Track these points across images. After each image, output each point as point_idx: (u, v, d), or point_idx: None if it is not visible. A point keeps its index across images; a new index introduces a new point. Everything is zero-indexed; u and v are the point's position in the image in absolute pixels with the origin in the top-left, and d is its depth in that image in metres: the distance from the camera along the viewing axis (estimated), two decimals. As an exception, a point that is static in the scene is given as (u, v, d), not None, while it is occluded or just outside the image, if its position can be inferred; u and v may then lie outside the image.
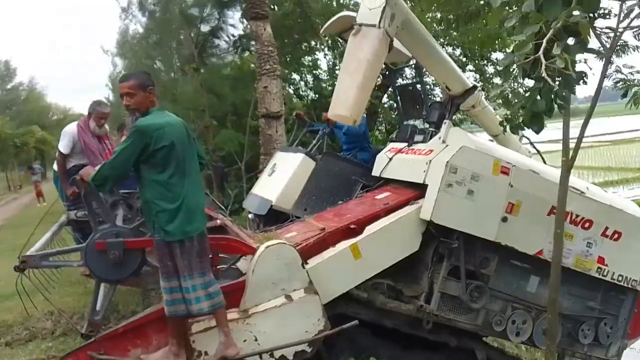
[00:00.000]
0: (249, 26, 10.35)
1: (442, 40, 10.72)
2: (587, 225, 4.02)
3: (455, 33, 10.36)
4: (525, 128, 3.27)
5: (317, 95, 12.55)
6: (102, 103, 4.94)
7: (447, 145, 3.79)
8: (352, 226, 3.65)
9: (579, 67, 2.87)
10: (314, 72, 12.93)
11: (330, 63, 12.86)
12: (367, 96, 3.18)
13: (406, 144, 4.29)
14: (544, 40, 2.61)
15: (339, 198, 4.40)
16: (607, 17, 2.98)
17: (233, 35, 12.67)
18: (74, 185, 4.09)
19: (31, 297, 4.74)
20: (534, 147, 5.34)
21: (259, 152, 8.24)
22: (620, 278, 4.22)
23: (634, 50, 3.39)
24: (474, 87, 4.21)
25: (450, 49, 11.53)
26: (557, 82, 2.74)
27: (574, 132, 3.39)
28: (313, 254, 3.52)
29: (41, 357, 4.25)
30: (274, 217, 4.47)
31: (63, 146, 4.96)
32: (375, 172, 4.47)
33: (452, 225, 3.60)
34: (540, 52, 2.62)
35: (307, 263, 3.36)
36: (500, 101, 3.16)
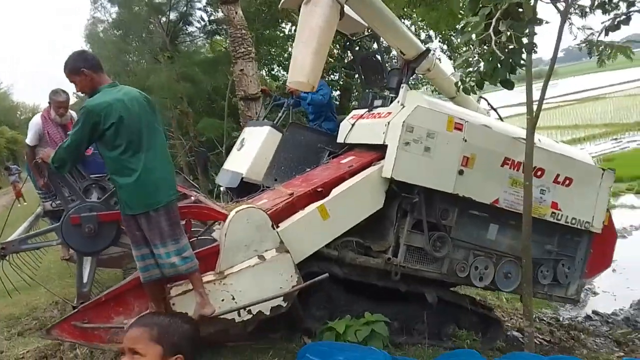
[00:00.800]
0: (219, 10, 10.32)
1: (407, 21, 10.91)
2: (539, 173, 4.28)
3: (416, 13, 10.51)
4: (476, 89, 3.59)
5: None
6: (58, 92, 4.96)
7: (403, 107, 3.98)
8: (319, 189, 3.83)
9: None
10: (286, 51, 12.94)
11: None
12: (322, 61, 3.34)
13: (367, 110, 4.45)
14: (493, 20, 2.95)
15: (306, 166, 4.57)
16: None
17: (202, 19, 12.71)
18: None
19: (35, 290, 4.86)
20: (491, 106, 5.59)
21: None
22: (573, 221, 4.51)
23: (590, 12, 3.66)
24: (427, 50, 4.40)
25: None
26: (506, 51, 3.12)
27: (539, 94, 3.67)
28: (283, 217, 3.71)
29: (54, 342, 4.34)
30: (246, 189, 4.63)
31: (30, 139, 5.02)
32: (340, 139, 4.64)
33: (412, 180, 3.81)
34: (490, 30, 2.98)
35: (278, 226, 3.56)
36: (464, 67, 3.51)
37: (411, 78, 5.02)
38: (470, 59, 3.69)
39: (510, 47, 3.26)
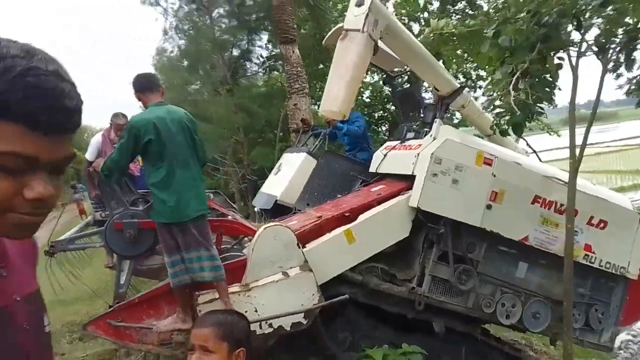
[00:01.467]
0: (278, 48, 10.98)
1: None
2: (572, 214, 4.24)
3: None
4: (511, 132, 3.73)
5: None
6: (118, 115, 5.45)
7: (434, 139, 4.10)
8: (346, 214, 3.98)
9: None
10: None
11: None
12: (354, 94, 3.53)
13: (399, 141, 4.60)
14: (514, 78, 3.13)
15: (338, 193, 4.73)
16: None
17: (262, 56, 13.59)
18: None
19: (93, 301, 5.23)
20: (530, 146, 5.60)
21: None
22: (607, 265, 4.41)
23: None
24: (462, 87, 4.52)
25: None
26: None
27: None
28: (311, 239, 3.86)
29: (112, 347, 4.62)
30: (279, 212, 4.83)
31: (89, 154, 5.50)
32: (372, 168, 4.80)
33: (438, 211, 3.89)
34: (510, 87, 3.16)
35: (304, 247, 3.72)
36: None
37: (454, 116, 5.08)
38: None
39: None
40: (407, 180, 4.18)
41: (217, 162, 11.58)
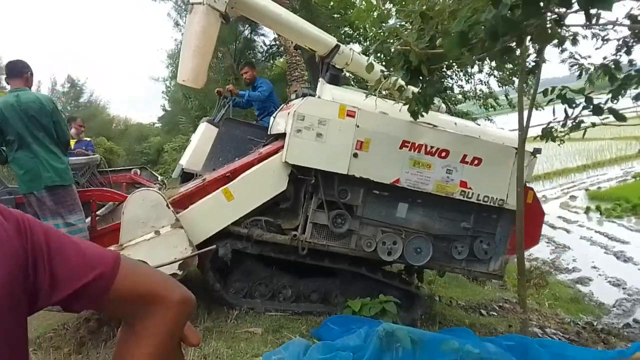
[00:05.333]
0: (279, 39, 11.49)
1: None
2: (443, 154, 4.55)
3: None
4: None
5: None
6: None
7: (304, 99, 4.40)
8: (227, 175, 4.35)
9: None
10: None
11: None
12: (203, 62, 3.85)
13: (285, 103, 4.91)
14: None
15: (238, 157, 5.08)
16: None
17: (264, 44, 14.66)
18: None
19: None
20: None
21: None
22: (486, 199, 4.72)
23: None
24: (337, 46, 4.79)
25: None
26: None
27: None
28: (196, 200, 4.27)
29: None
30: (189, 179, 5.21)
31: None
32: (269, 131, 5.13)
33: (305, 164, 4.24)
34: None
35: (187, 207, 4.14)
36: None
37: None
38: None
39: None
40: (284, 139, 4.51)
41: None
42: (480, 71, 12.75)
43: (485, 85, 13.22)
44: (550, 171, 22.67)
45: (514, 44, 3.19)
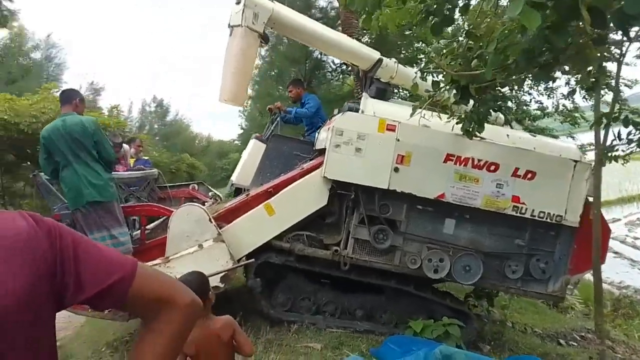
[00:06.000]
0: None
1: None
2: (492, 168, 4.35)
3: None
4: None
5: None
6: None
7: (342, 114, 4.41)
8: (270, 190, 4.44)
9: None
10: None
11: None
12: (243, 82, 3.98)
13: (329, 118, 4.94)
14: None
15: (285, 172, 5.18)
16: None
17: (334, 63, 14.87)
18: None
19: None
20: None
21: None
22: (542, 214, 4.44)
23: None
24: (380, 60, 4.75)
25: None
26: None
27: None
28: (240, 214, 4.39)
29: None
30: (239, 194, 5.39)
31: None
32: (315, 146, 5.18)
33: (345, 179, 4.23)
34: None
35: (231, 222, 4.27)
36: None
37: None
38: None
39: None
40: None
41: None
42: (567, 84, 11.91)
43: (569, 100, 12.28)
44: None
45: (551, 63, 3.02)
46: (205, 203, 5.68)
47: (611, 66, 4.61)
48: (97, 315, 3.97)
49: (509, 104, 12.38)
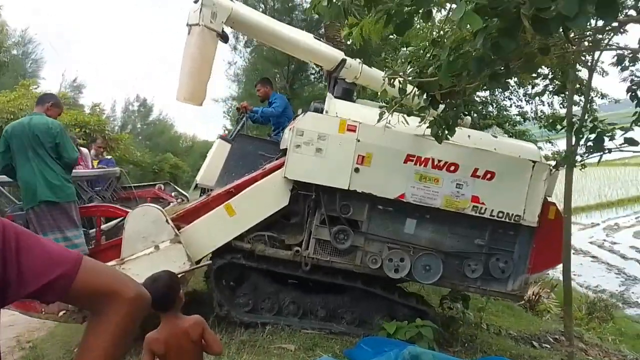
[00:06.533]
0: None
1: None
2: (452, 168, 4.38)
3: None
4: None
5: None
6: None
7: (303, 115, 4.40)
8: (231, 190, 4.41)
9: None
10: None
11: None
12: (200, 81, 3.94)
13: (293, 119, 4.93)
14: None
15: (249, 172, 5.15)
16: None
17: (317, 65, 14.64)
18: None
19: None
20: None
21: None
22: (500, 214, 4.49)
23: None
24: (343, 60, 4.76)
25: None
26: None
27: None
28: (201, 215, 4.35)
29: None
30: (203, 194, 5.34)
31: None
32: (281, 146, 5.16)
33: (305, 179, 4.23)
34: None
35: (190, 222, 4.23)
36: None
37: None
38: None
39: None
40: (288, 154, 4.52)
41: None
42: (544, 92, 12.10)
43: (548, 105, 12.49)
44: (624, 197, 21.31)
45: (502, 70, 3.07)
46: (171, 203, 5.63)
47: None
48: (51, 317, 3.90)
49: (490, 108, 12.58)
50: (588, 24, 2.73)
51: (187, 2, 4.09)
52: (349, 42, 10.68)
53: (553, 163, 4.63)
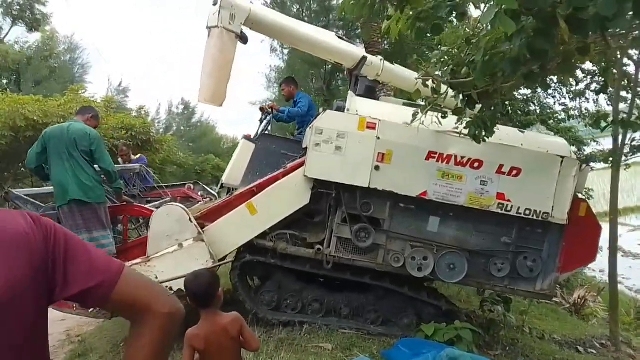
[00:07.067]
0: None
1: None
2: (476, 165, 4.29)
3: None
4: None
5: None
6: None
7: (324, 113, 4.41)
8: (253, 189, 4.47)
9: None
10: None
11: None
12: (220, 82, 4.00)
13: (315, 117, 4.94)
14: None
15: (272, 171, 5.20)
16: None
17: (337, 64, 14.83)
18: None
19: None
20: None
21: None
22: (527, 212, 4.36)
23: None
24: (364, 58, 4.73)
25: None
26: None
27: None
28: (224, 214, 4.43)
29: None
30: (229, 194, 5.43)
31: None
32: (303, 144, 5.19)
33: (325, 177, 4.23)
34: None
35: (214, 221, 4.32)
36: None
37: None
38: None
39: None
40: (310, 152, 4.53)
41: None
42: (584, 92, 11.62)
43: (594, 102, 12.00)
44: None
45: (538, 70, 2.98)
46: (200, 202, 5.76)
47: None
48: (82, 313, 4.06)
49: (532, 107, 12.25)
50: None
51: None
52: (386, 37, 10.63)
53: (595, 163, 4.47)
